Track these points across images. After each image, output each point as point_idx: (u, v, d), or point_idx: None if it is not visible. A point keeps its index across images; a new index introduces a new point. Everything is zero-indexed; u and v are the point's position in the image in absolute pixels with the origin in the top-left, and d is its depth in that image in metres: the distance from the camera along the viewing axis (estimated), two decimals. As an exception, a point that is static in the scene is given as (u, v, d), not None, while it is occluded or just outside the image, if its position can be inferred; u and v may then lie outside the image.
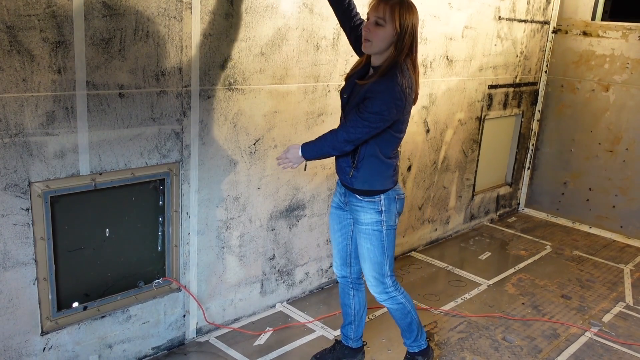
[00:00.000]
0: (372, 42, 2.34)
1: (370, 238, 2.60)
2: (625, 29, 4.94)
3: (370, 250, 2.62)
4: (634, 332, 3.55)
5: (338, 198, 2.76)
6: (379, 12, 2.31)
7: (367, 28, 2.35)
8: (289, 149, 2.55)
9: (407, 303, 2.78)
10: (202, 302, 3.09)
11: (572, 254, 4.76)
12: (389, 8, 2.29)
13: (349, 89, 2.50)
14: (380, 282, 2.68)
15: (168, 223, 2.86)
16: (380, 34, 2.32)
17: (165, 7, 2.51)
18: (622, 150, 5.07)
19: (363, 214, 2.58)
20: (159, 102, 2.61)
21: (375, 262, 2.64)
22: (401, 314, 2.78)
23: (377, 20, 2.31)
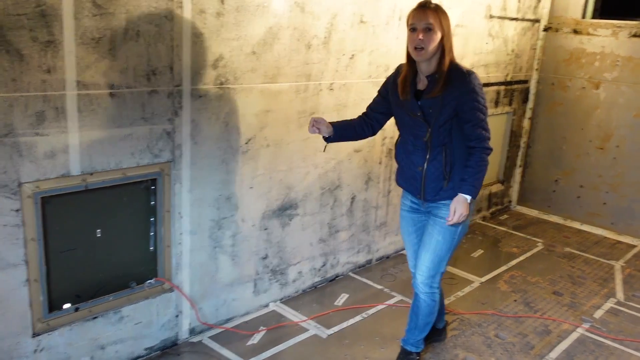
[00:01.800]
0: (426, 49, 2.46)
1: (444, 232, 2.70)
2: (615, 26, 4.96)
3: (439, 243, 2.72)
4: (625, 327, 3.57)
5: (410, 201, 2.86)
6: (427, 19, 2.45)
7: (419, 36, 2.46)
8: (456, 209, 2.57)
9: (437, 306, 2.90)
10: (195, 302, 3.08)
11: (563, 250, 4.79)
12: (433, 13, 2.46)
13: (416, 107, 2.59)
14: (431, 276, 2.78)
15: (160, 223, 2.84)
16: (433, 39, 2.46)
17: (155, 6, 2.50)
18: (612, 147, 5.10)
19: (445, 209, 2.67)
20: (150, 102, 2.60)
21: (437, 256, 2.74)
22: (429, 311, 2.87)
23: (427, 26, 2.45)
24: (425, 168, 2.65)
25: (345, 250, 3.96)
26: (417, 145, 2.66)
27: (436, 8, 2.49)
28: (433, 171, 2.64)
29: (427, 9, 2.48)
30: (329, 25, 3.29)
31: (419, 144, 2.64)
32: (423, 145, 2.63)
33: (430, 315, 2.89)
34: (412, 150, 2.69)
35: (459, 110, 2.54)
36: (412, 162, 2.71)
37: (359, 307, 3.59)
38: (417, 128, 2.62)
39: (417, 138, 2.64)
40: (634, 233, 5.08)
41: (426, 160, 2.65)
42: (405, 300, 3.72)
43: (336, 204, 3.76)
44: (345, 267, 4.02)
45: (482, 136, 2.56)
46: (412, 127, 2.64)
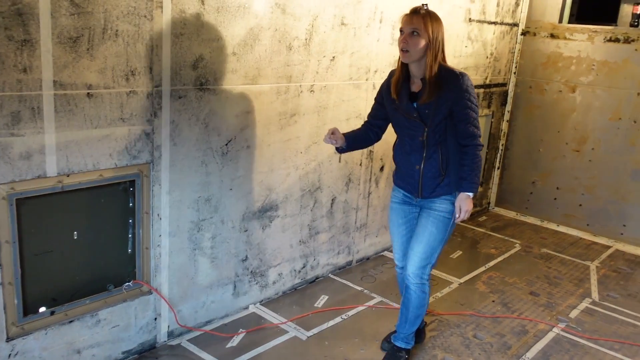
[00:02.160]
0: (410, 52, 2.60)
1: (437, 223, 2.81)
2: (591, 31, 5.05)
3: (432, 234, 2.83)
4: (600, 327, 3.64)
5: (403, 194, 2.96)
6: (414, 24, 2.59)
7: (404, 40, 2.60)
8: (461, 207, 2.73)
9: (428, 298, 2.98)
10: (174, 305, 3.05)
11: (540, 251, 4.86)
12: (421, 19, 2.59)
13: (412, 109, 2.71)
14: (422, 267, 2.87)
15: (138, 225, 2.81)
16: (417, 43, 2.58)
17: (135, 6, 2.47)
18: (588, 149, 5.19)
19: (439, 202, 2.81)
20: (128, 103, 2.57)
21: (430, 247, 2.84)
22: (419, 303, 2.95)
23: (413, 31, 2.59)
24: (423, 167, 2.78)
25: (325, 252, 3.96)
26: (414, 146, 2.77)
27: (425, 14, 2.61)
28: (430, 169, 2.77)
29: (416, 15, 2.61)
30: (310, 27, 3.29)
31: (416, 144, 2.76)
32: (420, 145, 2.75)
33: (420, 307, 2.96)
34: (410, 151, 2.80)
35: (453, 109, 2.67)
36: (409, 162, 2.82)
37: (339, 308, 3.59)
38: (414, 129, 2.74)
39: (414, 138, 2.75)
40: (609, 234, 5.17)
41: (423, 158, 2.77)
42: (385, 301, 3.74)
43: (316, 205, 3.76)
44: (326, 269, 4.02)
45: (474, 134, 2.70)
46: (409, 128, 2.76)
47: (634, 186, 4.96)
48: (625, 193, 5.01)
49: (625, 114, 4.93)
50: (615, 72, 4.95)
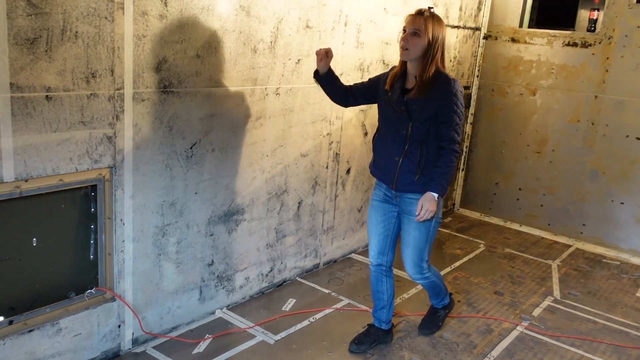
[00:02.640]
0: (410, 50, 2.72)
1: (420, 227, 2.95)
2: (550, 36, 5.19)
3: (416, 238, 2.98)
4: (561, 324, 3.73)
5: (384, 192, 3.05)
6: (416, 25, 2.70)
7: (405, 39, 2.72)
8: (423, 205, 2.79)
9: (437, 279, 3.24)
10: (138, 312, 3.00)
11: (504, 251, 4.95)
12: (424, 21, 2.70)
13: (402, 102, 2.82)
14: (418, 265, 3.07)
15: (101, 230, 2.75)
16: (417, 43, 2.70)
17: (95, 7, 2.42)
18: (548, 151, 5.33)
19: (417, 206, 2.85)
20: (89, 105, 2.51)
21: (418, 248, 3.01)
22: (431, 288, 3.27)
23: (414, 31, 2.70)
24: (402, 160, 2.87)
25: (292, 255, 3.95)
26: (396, 139, 2.88)
27: (429, 16, 2.72)
28: (408, 164, 2.86)
29: (420, 16, 2.72)
30: (275, 30, 3.29)
31: (398, 138, 2.86)
32: (402, 138, 2.85)
33: (434, 289, 3.29)
34: (391, 144, 2.90)
35: (439, 111, 2.78)
36: (389, 153, 2.92)
37: (307, 311, 3.59)
38: (399, 122, 2.84)
39: (398, 131, 2.86)
40: (569, 233, 5.31)
41: (404, 152, 2.86)
42: (353, 303, 3.75)
43: (283, 208, 3.75)
44: (293, 272, 4.01)
45: (454, 139, 2.83)
46: (395, 121, 2.86)
47: (592, 186, 5.11)
48: (585, 193, 5.16)
49: (583, 116, 5.08)
50: (574, 76, 5.09)
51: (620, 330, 3.72)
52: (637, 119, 4.80)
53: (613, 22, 4.82)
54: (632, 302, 4.15)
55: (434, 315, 3.49)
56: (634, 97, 4.80)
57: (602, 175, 5.04)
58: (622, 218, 4.99)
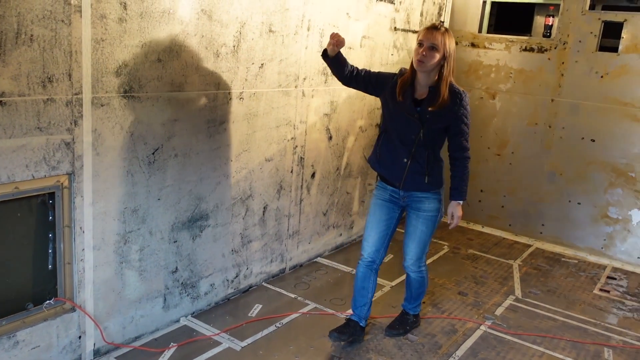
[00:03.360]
0: (426, 63, 2.87)
1: (427, 222, 3.16)
2: (507, 41, 5.32)
3: (423, 232, 3.19)
4: (523, 323, 3.81)
5: (390, 194, 3.20)
6: (434, 40, 2.86)
7: (423, 51, 2.86)
8: (454, 214, 3.14)
9: (427, 277, 3.43)
10: (100, 322, 2.92)
11: (467, 252, 5.04)
12: (440, 35, 2.86)
13: (414, 110, 2.97)
14: (420, 259, 3.30)
15: (59, 239, 2.68)
16: (434, 57, 2.87)
17: (51, 10, 2.36)
18: (508, 153, 5.45)
19: (427, 203, 3.13)
20: (46, 111, 2.44)
21: (423, 242, 3.24)
22: (420, 284, 3.41)
23: (432, 45, 2.86)
24: (410, 162, 3.04)
25: (258, 261, 3.93)
26: (404, 142, 3.03)
27: (444, 31, 2.89)
28: (416, 165, 3.04)
29: (436, 31, 2.88)
30: (238, 34, 3.27)
31: (407, 141, 3.02)
32: (411, 142, 3.01)
33: (421, 287, 3.43)
34: (399, 146, 3.05)
35: (451, 123, 3.00)
36: (397, 155, 3.07)
37: (273, 317, 3.57)
38: (410, 128, 3.00)
39: (407, 135, 3.02)
40: (529, 233, 5.44)
41: (411, 154, 3.03)
42: (319, 307, 3.75)
43: (248, 213, 3.72)
44: (259, 278, 3.98)
45: (466, 147, 3.07)
46: (406, 126, 3.01)
47: (550, 187, 5.25)
48: (543, 194, 5.30)
49: (541, 119, 5.22)
50: (531, 80, 5.23)
51: (578, 326, 3.83)
52: (592, 121, 4.97)
53: (567, 28, 4.98)
54: (589, 299, 4.28)
55: (403, 318, 3.56)
56: (588, 100, 4.96)
57: (560, 176, 5.19)
58: (579, 218, 5.15)
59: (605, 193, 4.99)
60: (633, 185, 4.85)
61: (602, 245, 5.07)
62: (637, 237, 4.90)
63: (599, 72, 4.87)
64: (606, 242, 5.05)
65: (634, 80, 4.73)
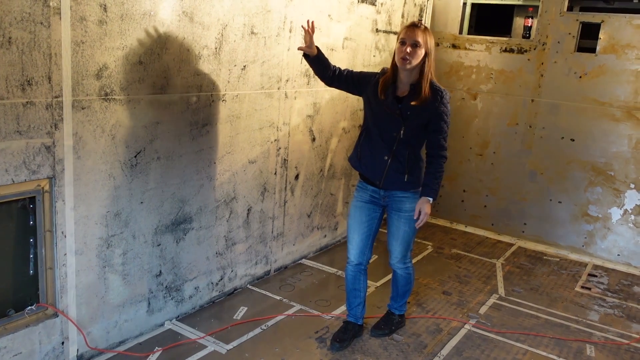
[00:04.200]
0: (411, 61, 2.91)
1: (409, 222, 3.17)
2: (488, 42, 5.38)
3: (406, 232, 3.22)
4: (506, 321, 3.85)
5: (370, 195, 3.21)
6: (416, 37, 2.89)
7: (406, 50, 2.89)
8: (421, 210, 3.05)
9: (413, 274, 3.45)
10: (83, 327, 2.89)
11: (451, 252, 5.08)
12: (421, 33, 2.91)
13: (396, 107, 3.00)
14: (405, 256, 3.33)
15: (40, 244, 2.64)
16: (418, 54, 2.91)
17: (29, 12, 2.33)
18: (490, 153, 5.51)
19: (408, 203, 3.15)
20: (25, 114, 2.41)
21: (406, 242, 3.27)
22: (406, 281, 3.43)
23: (415, 43, 2.89)
24: (390, 160, 3.06)
25: (242, 263, 3.91)
26: (385, 140, 3.05)
27: (424, 29, 2.94)
28: (396, 163, 3.06)
29: (417, 28, 2.92)
30: (220, 36, 3.26)
31: (388, 139, 3.05)
32: (392, 140, 3.04)
33: (407, 284, 3.45)
34: (379, 144, 3.07)
35: (430, 120, 3.01)
36: (377, 153, 3.09)
37: (259, 319, 3.56)
38: (392, 125, 3.03)
39: (389, 132, 3.04)
40: (512, 232, 5.50)
41: (392, 152, 3.05)
42: (304, 309, 3.75)
43: (232, 216, 3.71)
44: (244, 280, 3.97)
45: (443, 146, 3.07)
46: (387, 123, 3.04)
47: (531, 187, 5.32)
48: (525, 193, 5.36)
49: (521, 119, 5.29)
50: (511, 80, 5.30)
51: (561, 324, 3.87)
52: (571, 121, 5.04)
53: (546, 29, 5.04)
54: (571, 296, 4.34)
55: (388, 318, 3.57)
56: (567, 100, 5.04)
57: (541, 175, 5.26)
58: (560, 216, 5.22)
59: (585, 192, 5.06)
60: (612, 184, 4.93)
61: (583, 243, 5.15)
62: (617, 235, 4.98)
63: (577, 72, 4.95)
64: (587, 240, 5.13)
65: (612, 80, 4.81)
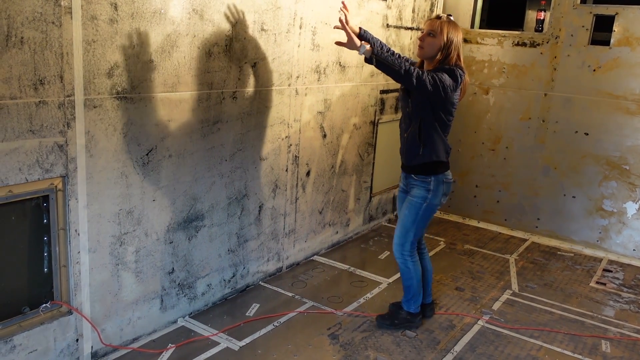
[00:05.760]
0: (425, 49, 3.13)
1: (410, 207, 3.32)
2: (500, 36, 5.33)
3: (406, 217, 3.34)
4: (520, 317, 3.82)
5: (402, 183, 3.50)
6: (433, 27, 3.10)
7: (421, 38, 3.12)
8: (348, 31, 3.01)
9: (413, 271, 3.44)
10: (97, 324, 2.92)
11: (463, 247, 5.05)
12: (440, 24, 3.10)
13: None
14: (401, 244, 3.38)
15: (54, 242, 2.67)
16: (431, 43, 3.10)
17: (41, 12, 2.35)
18: (502, 148, 5.46)
19: (416, 189, 3.32)
20: (38, 113, 2.43)
21: (404, 227, 3.35)
22: (405, 275, 3.47)
23: (430, 32, 3.11)
24: (407, 135, 3.28)
25: (254, 260, 3.92)
26: (404, 118, 3.32)
27: (445, 21, 3.11)
28: (412, 137, 3.24)
29: (437, 20, 3.13)
30: (230, 33, 3.26)
31: (406, 116, 3.30)
32: (408, 117, 3.26)
33: (407, 279, 3.47)
34: (402, 123, 3.36)
35: None
36: (401, 132, 3.38)
37: (271, 316, 3.56)
38: (405, 101, 3.29)
39: (404, 110, 3.31)
40: (525, 228, 5.46)
41: (409, 127, 3.26)
42: (316, 305, 3.75)
43: (244, 213, 3.72)
44: (256, 277, 3.98)
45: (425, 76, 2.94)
46: (403, 100, 3.32)
47: (545, 181, 5.27)
48: (538, 188, 5.31)
49: (534, 113, 5.24)
50: (524, 74, 5.24)
51: (575, 319, 3.84)
52: (585, 115, 4.98)
53: (559, 22, 4.99)
54: (586, 292, 4.30)
55: (395, 310, 3.58)
56: (580, 94, 4.98)
57: (554, 170, 5.21)
58: (574, 211, 5.17)
59: (599, 186, 5.01)
60: (627, 178, 4.87)
61: (597, 238, 5.09)
62: (632, 230, 4.92)
63: (591, 65, 4.89)
64: (601, 235, 5.07)
65: (626, 73, 4.75)
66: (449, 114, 3.21)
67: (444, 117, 3.20)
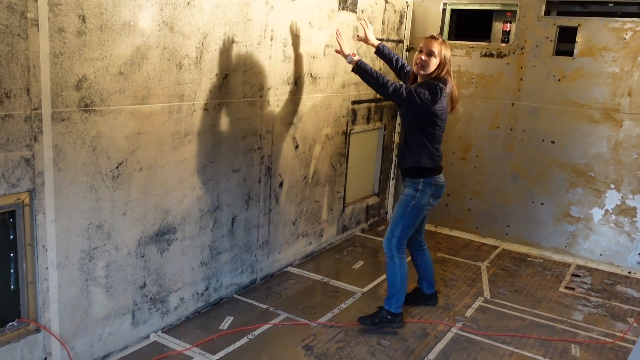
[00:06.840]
0: (425, 66, 3.43)
1: (400, 203, 3.61)
2: (468, 47, 5.44)
3: (396, 213, 3.62)
4: (492, 323, 3.87)
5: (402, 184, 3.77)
6: (432, 47, 3.41)
7: (421, 57, 3.42)
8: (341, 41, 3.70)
9: (398, 268, 3.61)
10: (66, 342, 2.85)
11: (436, 255, 5.10)
12: (437, 44, 3.42)
13: None
14: (388, 239, 3.62)
15: (21, 259, 2.61)
16: (432, 62, 3.42)
17: (6, 24, 2.31)
18: (472, 157, 5.55)
19: (407, 189, 3.62)
20: (4, 127, 2.38)
21: (393, 222, 3.62)
22: (390, 271, 3.64)
23: (430, 52, 3.41)
24: (400, 140, 3.67)
25: (228, 272, 3.89)
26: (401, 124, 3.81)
27: (441, 41, 3.45)
28: (402, 143, 3.63)
29: (434, 40, 3.44)
30: (200, 45, 3.26)
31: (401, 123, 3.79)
32: (401, 124, 3.74)
33: (392, 275, 3.62)
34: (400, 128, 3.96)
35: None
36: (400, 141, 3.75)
37: (245, 328, 3.54)
38: (399, 111, 3.70)
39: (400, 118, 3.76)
40: (496, 235, 5.55)
41: (402, 134, 3.64)
42: (291, 317, 3.73)
43: (217, 225, 3.69)
44: (229, 289, 3.95)
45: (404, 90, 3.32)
46: (398, 110, 3.79)
47: (514, 189, 5.37)
48: (507, 196, 5.41)
49: (502, 122, 5.34)
50: (492, 84, 5.35)
51: (546, 324, 3.91)
52: (551, 123, 5.11)
53: (524, 34, 5.11)
54: (555, 297, 4.38)
55: (378, 310, 3.69)
56: (546, 103, 5.10)
57: (522, 177, 5.31)
58: (542, 218, 5.27)
59: (566, 193, 5.13)
60: (593, 185, 5.00)
61: (565, 244, 5.21)
62: (599, 235, 5.05)
63: (556, 75, 5.02)
64: (569, 241, 5.18)
65: (590, 82, 4.89)
66: (433, 125, 3.47)
67: (428, 128, 3.47)
